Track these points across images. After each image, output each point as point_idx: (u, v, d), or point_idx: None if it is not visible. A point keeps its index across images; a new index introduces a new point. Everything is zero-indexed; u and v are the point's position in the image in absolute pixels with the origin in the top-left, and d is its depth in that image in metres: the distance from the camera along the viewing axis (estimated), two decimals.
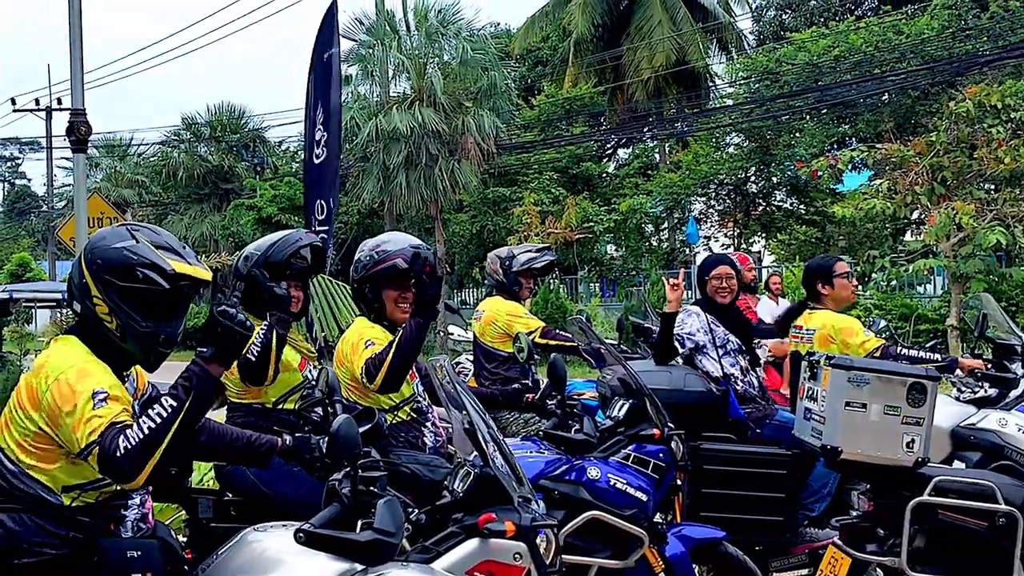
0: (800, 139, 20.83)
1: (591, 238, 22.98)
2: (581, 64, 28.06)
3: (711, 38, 28.86)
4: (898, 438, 3.64)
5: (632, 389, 4.28)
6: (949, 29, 20.38)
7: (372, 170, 23.01)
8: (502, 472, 2.93)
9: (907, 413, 3.64)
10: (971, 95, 16.08)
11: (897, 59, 20.26)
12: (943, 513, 3.52)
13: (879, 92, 20.77)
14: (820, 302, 5.34)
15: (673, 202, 22.50)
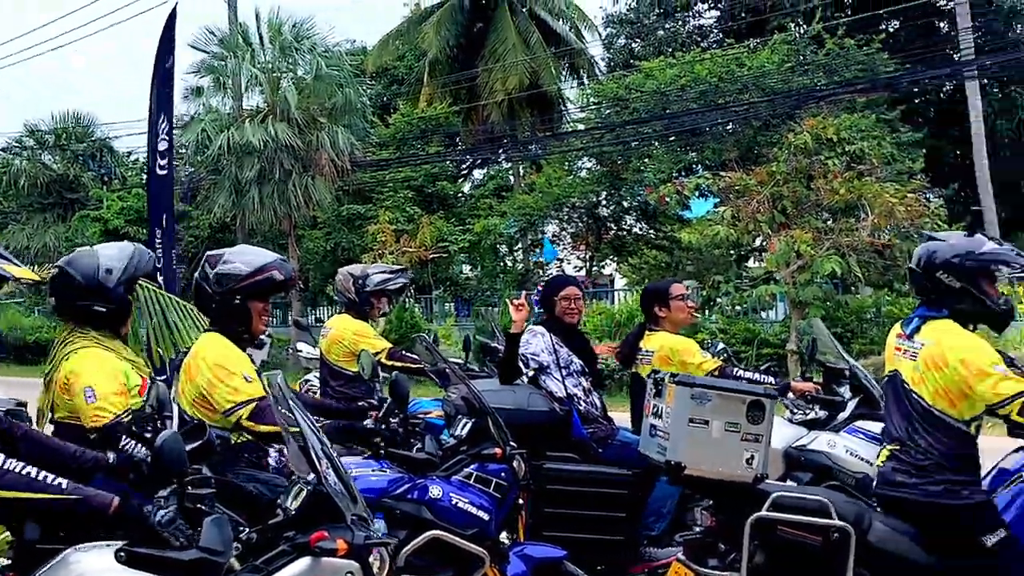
0: (649, 165, 21.38)
1: (446, 258, 22.99)
2: (436, 84, 28.14)
3: (563, 63, 29.41)
4: (738, 454, 3.69)
5: (475, 408, 4.27)
6: (788, 63, 21.33)
7: (224, 183, 22.54)
8: (335, 490, 2.88)
9: (747, 430, 3.70)
10: (809, 128, 16.87)
11: (740, 90, 21.06)
12: (781, 528, 3.56)
13: (724, 122, 21.53)
14: (658, 324, 5.47)
15: (527, 223, 22.74)
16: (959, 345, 3.54)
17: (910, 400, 3.62)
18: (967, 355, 3.51)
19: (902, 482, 3.59)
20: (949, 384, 3.53)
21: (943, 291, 3.66)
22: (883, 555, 3.54)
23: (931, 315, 3.68)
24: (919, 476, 3.54)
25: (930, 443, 3.54)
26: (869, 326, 15.46)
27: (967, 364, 3.49)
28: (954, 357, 3.52)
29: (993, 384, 3.47)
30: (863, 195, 15.57)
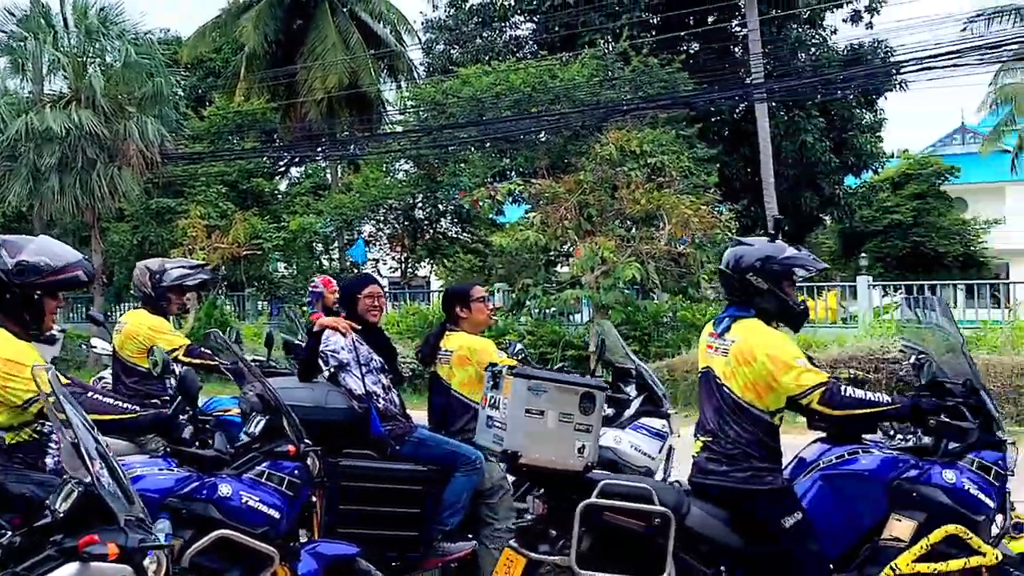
0: (464, 169, 21.85)
1: (260, 255, 22.78)
2: (254, 79, 27.75)
3: (383, 65, 29.59)
4: (571, 444, 3.83)
5: (270, 405, 4.19)
6: (597, 78, 22.31)
7: (20, 171, 21.50)
8: (108, 491, 2.73)
9: (579, 420, 3.86)
10: (614, 140, 17.78)
11: (552, 101, 21.87)
12: (607, 514, 3.72)
13: (536, 130, 22.30)
14: (458, 325, 5.56)
15: (343, 223, 22.83)
16: (765, 341, 3.84)
17: (721, 394, 3.86)
18: (773, 350, 3.81)
19: (713, 470, 3.85)
20: (757, 377, 3.80)
21: (751, 292, 3.93)
22: (699, 538, 3.80)
23: (740, 314, 3.95)
24: (728, 464, 3.81)
25: (738, 433, 3.80)
26: (665, 330, 16.42)
27: (773, 359, 3.79)
28: (761, 352, 3.80)
29: (796, 376, 3.77)
30: (662, 206, 16.56)
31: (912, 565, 3.85)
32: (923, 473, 4.01)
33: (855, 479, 4.03)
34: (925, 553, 3.87)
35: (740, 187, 25.57)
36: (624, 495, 3.76)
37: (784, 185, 24.60)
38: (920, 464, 4.04)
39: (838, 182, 27.11)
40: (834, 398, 3.79)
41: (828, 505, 3.96)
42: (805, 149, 25.23)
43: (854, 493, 4.00)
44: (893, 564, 3.86)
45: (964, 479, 4.00)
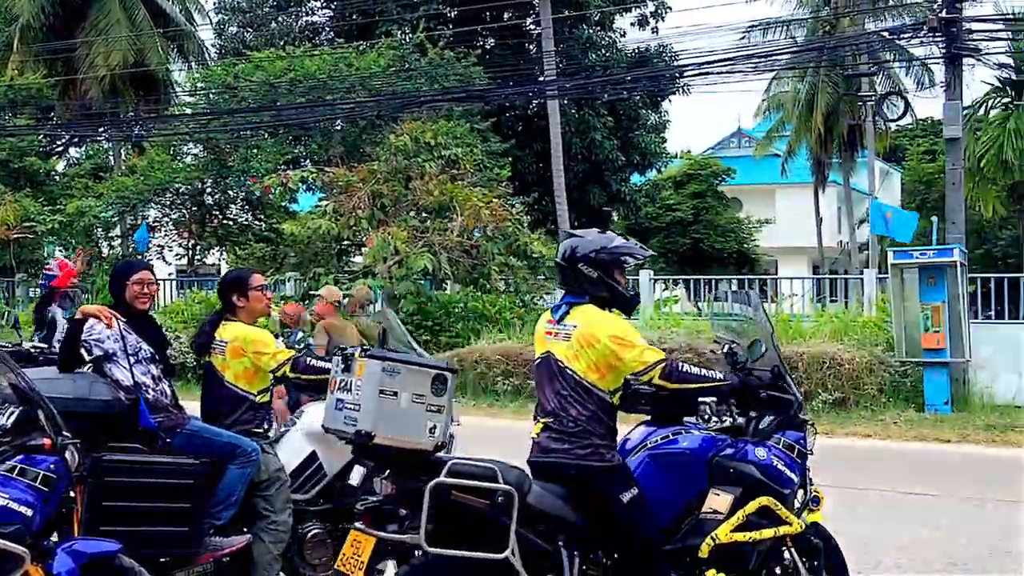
0: (256, 155, 21.41)
1: (32, 239, 21.53)
2: (29, 52, 26.12)
3: (172, 44, 28.53)
4: (423, 424, 3.90)
5: (23, 395, 3.93)
6: (393, 67, 22.39)
7: None
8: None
9: (431, 401, 3.93)
10: (408, 130, 17.94)
11: (348, 89, 21.79)
12: (455, 494, 3.79)
13: (331, 118, 22.15)
14: (235, 314, 5.33)
15: (126, 207, 21.89)
16: (607, 324, 4.04)
17: (564, 376, 4.02)
18: (615, 332, 4.02)
19: (555, 448, 4.00)
20: (600, 358, 4.00)
21: (583, 281, 4.11)
22: (540, 515, 3.91)
23: (575, 302, 4.12)
24: (570, 442, 3.96)
25: (580, 412, 3.97)
26: (456, 320, 16.69)
27: (615, 339, 3.99)
28: (604, 334, 3.99)
29: (639, 354, 4.00)
30: (455, 198, 16.87)
31: (730, 535, 4.10)
32: (738, 451, 4.29)
33: (678, 457, 4.27)
34: (741, 524, 4.14)
35: (532, 181, 26.30)
36: (471, 474, 3.84)
37: (574, 180, 25.50)
38: (735, 443, 4.32)
39: (624, 179, 28.35)
40: (673, 373, 4.04)
41: (654, 482, 4.16)
42: (594, 146, 26.24)
43: (677, 471, 4.23)
44: (713, 535, 4.09)
45: (773, 456, 4.31)
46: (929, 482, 9.28)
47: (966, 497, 8.50)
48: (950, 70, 15.83)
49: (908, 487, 8.99)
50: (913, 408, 13.05)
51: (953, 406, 13.13)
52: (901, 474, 9.72)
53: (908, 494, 8.72)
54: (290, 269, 19.44)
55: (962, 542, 6.93)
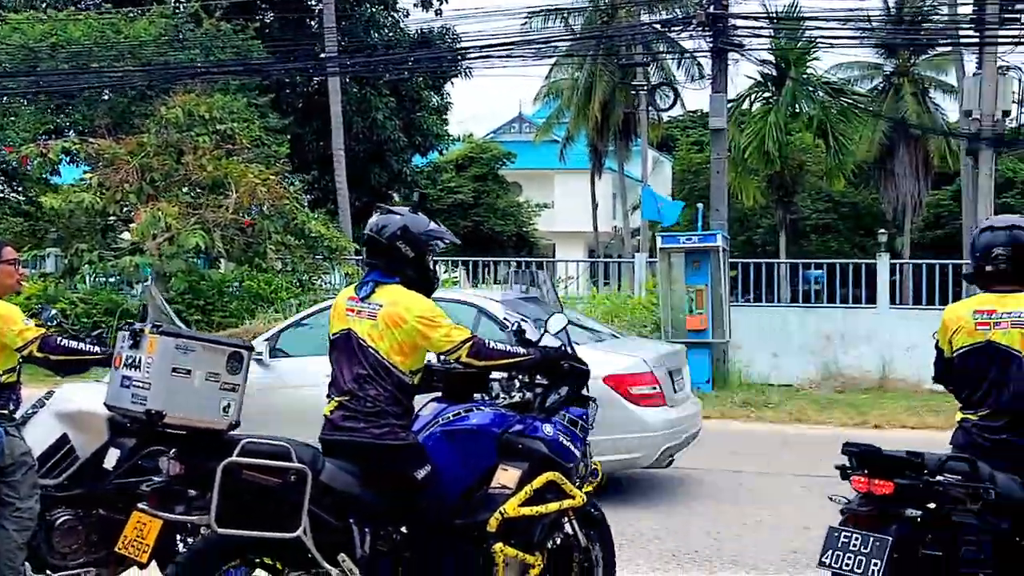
0: (13, 123, 19.93)
1: None
2: None
3: None
4: (217, 403, 3.85)
5: None
6: (166, 37, 21.36)
7: None
8: None
9: (225, 380, 3.88)
10: (181, 103, 17.14)
11: (116, 57, 20.61)
12: (247, 473, 3.71)
13: (97, 87, 20.89)
14: None
15: None
16: (415, 305, 4.05)
17: (365, 355, 4.02)
18: (422, 312, 4.03)
19: (351, 427, 3.99)
20: (406, 338, 4.02)
21: (398, 259, 4.13)
22: (333, 492, 3.91)
23: (384, 281, 4.13)
24: (366, 421, 3.97)
25: (379, 392, 3.99)
26: (230, 299, 16.18)
27: (423, 320, 4.02)
28: (411, 315, 4.01)
29: (446, 333, 4.03)
30: (229, 174, 16.27)
31: (518, 509, 4.15)
32: (527, 427, 4.34)
33: (469, 434, 4.28)
34: (529, 498, 4.19)
35: (312, 159, 25.80)
36: (265, 453, 3.77)
37: (355, 160, 25.20)
38: (523, 419, 4.36)
39: (406, 160, 28.27)
40: (481, 351, 4.08)
41: (446, 458, 4.18)
42: (376, 126, 26.01)
43: (468, 447, 4.25)
44: (501, 509, 4.13)
45: (558, 432, 4.39)
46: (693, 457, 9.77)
47: (725, 470, 9.03)
48: (716, 64, 16.75)
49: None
50: None
51: (714, 384, 13.94)
52: None
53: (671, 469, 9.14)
54: (51, 245, 18.20)
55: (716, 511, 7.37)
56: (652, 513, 6.97)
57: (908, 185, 33.88)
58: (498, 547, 4.11)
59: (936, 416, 11.73)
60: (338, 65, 23.08)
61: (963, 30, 21.30)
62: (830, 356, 14.83)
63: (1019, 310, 4.17)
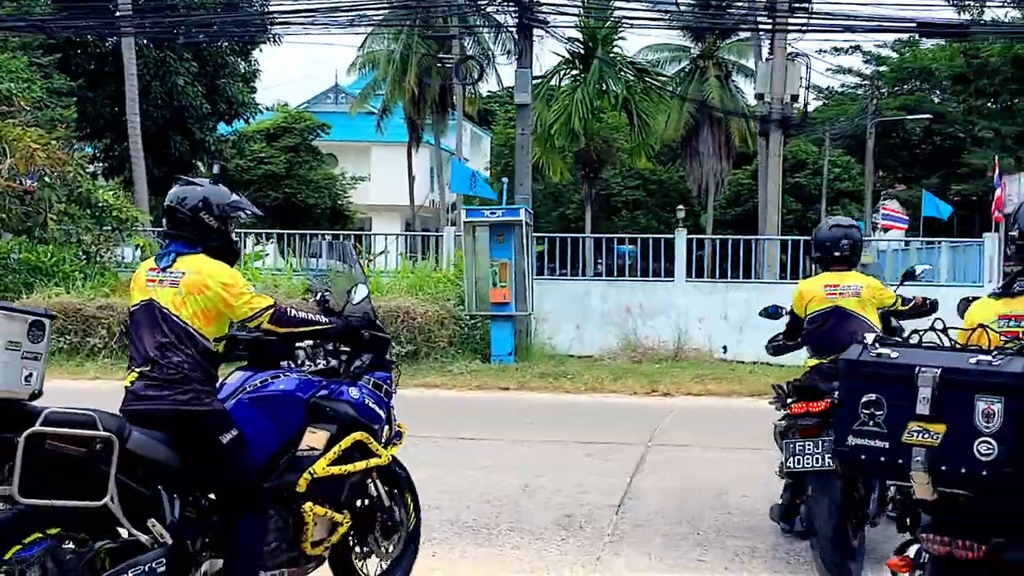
0: None
1: None
2: None
3: None
4: (18, 371, 3.75)
5: None
6: None
7: None
8: None
9: (27, 348, 3.80)
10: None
11: None
12: (51, 443, 3.67)
13: None
14: None
15: None
16: (218, 273, 4.10)
17: (168, 322, 4.04)
18: (225, 280, 4.09)
19: (154, 395, 3.99)
20: (209, 305, 4.07)
21: (202, 230, 4.19)
22: (141, 460, 3.90)
23: (186, 251, 4.16)
24: (170, 389, 3.99)
25: (183, 359, 4.01)
26: (5, 272, 15.03)
27: (227, 287, 4.07)
28: (214, 282, 4.06)
29: (248, 300, 4.12)
30: (3, 137, 15.11)
31: (327, 469, 4.34)
32: (333, 392, 4.51)
33: (277, 400, 4.38)
34: (337, 458, 4.39)
35: (104, 125, 24.39)
36: (69, 422, 3.73)
37: (153, 127, 23.98)
38: (330, 384, 4.52)
39: (209, 128, 27.07)
40: (282, 318, 4.23)
41: (253, 423, 4.24)
42: (176, 91, 24.77)
43: (276, 412, 4.35)
44: (311, 469, 4.30)
45: (364, 395, 4.61)
46: (487, 427, 9.75)
47: (515, 439, 9.02)
48: (521, 39, 16.73)
49: (465, 432, 9.37)
50: (480, 359, 13.74)
51: (516, 356, 13.99)
52: (463, 421, 10.13)
53: (463, 439, 9.08)
54: None
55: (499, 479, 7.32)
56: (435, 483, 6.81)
57: (711, 164, 35.24)
58: (307, 506, 4.30)
59: (718, 384, 12.20)
60: (133, 25, 21.82)
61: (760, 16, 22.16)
62: (630, 327, 15.13)
63: (854, 284, 5.86)
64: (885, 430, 3.31)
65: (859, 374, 3.41)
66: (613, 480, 7.42)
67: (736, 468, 7.92)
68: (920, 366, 3.29)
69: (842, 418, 3.43)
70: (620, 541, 5.97)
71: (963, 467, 3.20)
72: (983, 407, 3.18)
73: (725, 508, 6.69)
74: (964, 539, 3.38)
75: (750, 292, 14.96)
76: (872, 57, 40.86)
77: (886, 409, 3.32)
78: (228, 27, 25.17)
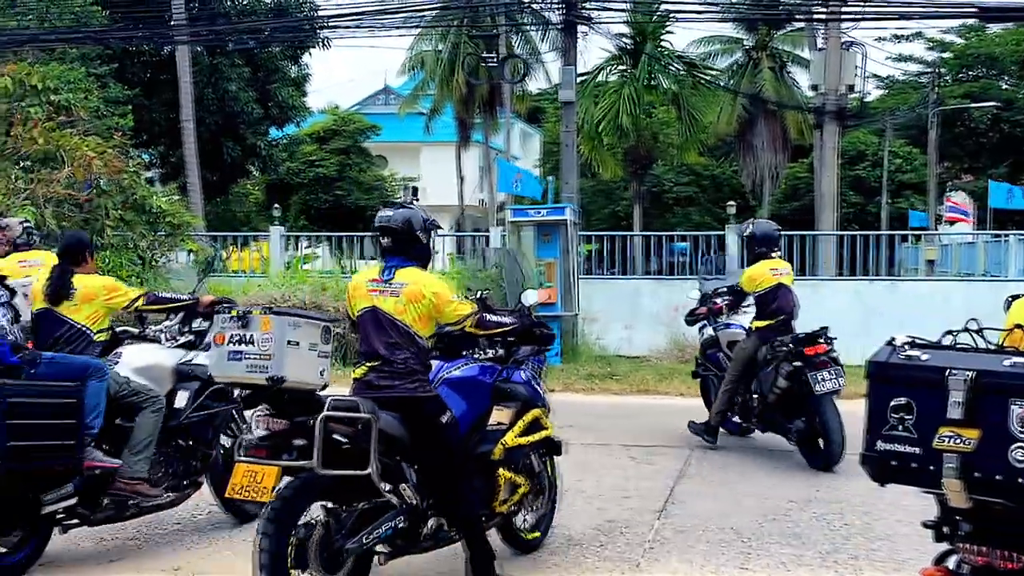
0: None
1: None
2: None
3: None
4: (316, 367, 4.63)
5: None
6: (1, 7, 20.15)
7: None
8: None
9: (321, 348, 4.66)
10: (11, 72, 16.13)
11: None
12: (331, 423, 4.43)
13: None
14: None
15: None
16: (431, 284, 4.85)
17: (394, 326, 4.76)
18: (437, 290, 4.83)
19: (386, 385, 4.72)
20: (424, 312, 4.80)
21: (414, 243, 4.91)
22: (386, 437, 4.61)
23: (403, 264, 4.86)
24: (399, 379, 4.73)
25: (408, 356, 4.75)
26: None
27: (438, 296, 4.82)
28: (429, 292, 4.79)
29: (455, 308, 4.86)
30: (62, 146, 15.41)
31: (516, 439, 5.24)
32: (510, 376, 5.39)
33: (470, 384, 5.22)
34: (523, 430, 5.29)
35: (159, 133, 24.76)
36: (343, 407, 4.49)
37: (206, 133, 24.30)
38: (506, 370, 5.39)
39: (261, 133, 27.37)
40: (482, 322, 4.98)
41: (455, 404, 5.01)
42: (228, 97, 25.08)
43: (470, 394, 5.17)
44: (503, 440, 5.18)
45: (530, 378, 5.51)
46: None
47: None
48: (566, 37, 16.66)
49: None
50: None
51: (563, 357, 13.92)
52: None
53: None
54: None
55: None
56: None
57: (766, 158, 34.75)
58: (501, 472, 5.20)
59: None
60: (187, 34, 22.15)
61: (814, 5, 21.80)
62: (678, 327, 14.97)
63: (787, 268, 8.39)
64: (915, 435, 3.24)
65: (888, 376, 3.33)
66: (656, 484, 7.34)
67: (783, 473, 7.79)
68: (951, 368, 3.21)
69: (871, 422, 3.36)
70: (661, 547, 5.88)
71: (998, 474, 3.12)
72: (1019, 412, 3.09)
73: (770, 514, 6.56)
74: (1004, 549, 3.30)
75: (805, 289, 14.66)
76: (935, 44, 39.95)
77: (916, 413, 3.25)
78: (278, 32, 25.43)
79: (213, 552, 5.83)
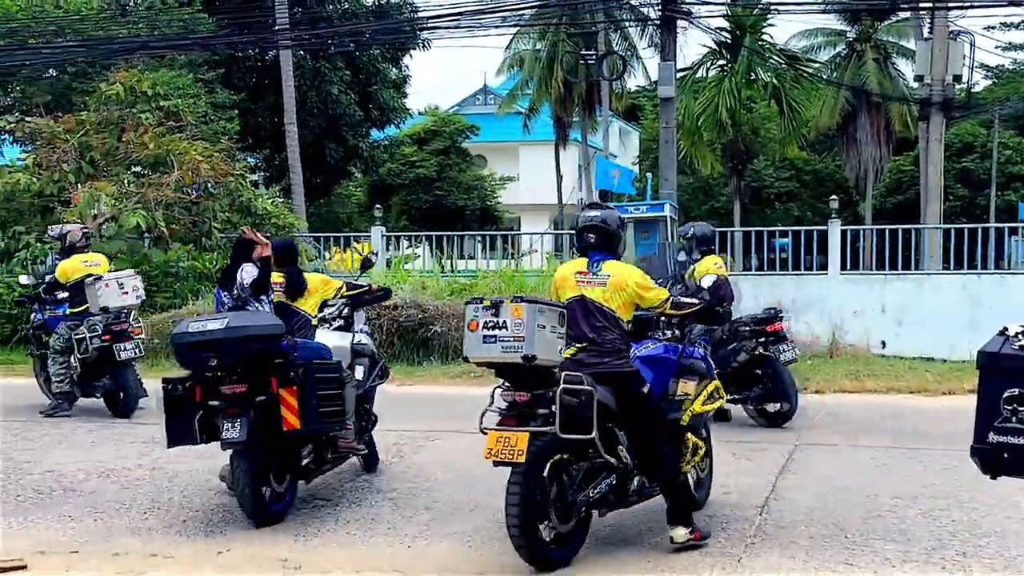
0: None
1: None
2: None
3: None
4: (556, 347, 5.23)
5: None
6: (107, 11, 20.87)
7: None
8: None
9: (560, 331, 5.26)
10: (123, 79, 16.74)
11: (55, 33, 20.12)
12: (564, 396, 5.13)
13: (36, 63, 20.40)
14: None
15: None
16: (632, 274, 5.58)
17: (602, 312, 5.45)
18: (638, 279, 5.55)
19: (596, 362, 5.41)
20: (628, 299, 5.51)
21: (615, 239, 5.61)
22: (601, 406, 5.27)
23: (607, 257, 5.55)
24: (608, 357, 5.44)
25: (614, 337, 5.47)
26: (175, 280, 15.82)
27: (640, 285, 5.53)
28: (632, 282, 5.51)
29: (655, 295, 5.59)
30: (171, 151, 15.93)
31: (701, 407, 5.93)
32: (688, 352, 6.04)
33: (660, 359, 5.85)
34: (706, 399, 5.99)
35: (264, 136, 25.39)
36: (572, 380, 5.18)
37: (309, 136, 24.82)
38: (686, 348, 6.05)
39: (362, 135, 27.84)
40: (676, 304, 5.73)
41: (647, 377, 5.64)
42: (331, 100, 25.58)
43: (659, 368, 5.79)
44: (691, 408, 5.86)
45: (704, 354, 6.27)
46: None
47: None
48: (664, 32, 16.52)
49: None
50: None
51: None
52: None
53: None
54: None
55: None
56: None
57: (870, 151, 33.88)
58: (688, 435, 5.89)
59: (875, 380, 11.69)
60: (291, 38, 22.65)
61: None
62: None
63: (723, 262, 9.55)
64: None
65: (1000, 367, 3.26)
66: (758, 480, 7.22)
67: (888, 469, 7.58)
68: None
69: (982, 413, 3.27)
70: (762, 543, 5.78)
71: None
72: None
73: (875, 510, 6.39)
74: None
75: (910, 283, 14.36)
76: None
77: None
78: (379, 35, 25.81)
79: (319, 544, 5.95)
